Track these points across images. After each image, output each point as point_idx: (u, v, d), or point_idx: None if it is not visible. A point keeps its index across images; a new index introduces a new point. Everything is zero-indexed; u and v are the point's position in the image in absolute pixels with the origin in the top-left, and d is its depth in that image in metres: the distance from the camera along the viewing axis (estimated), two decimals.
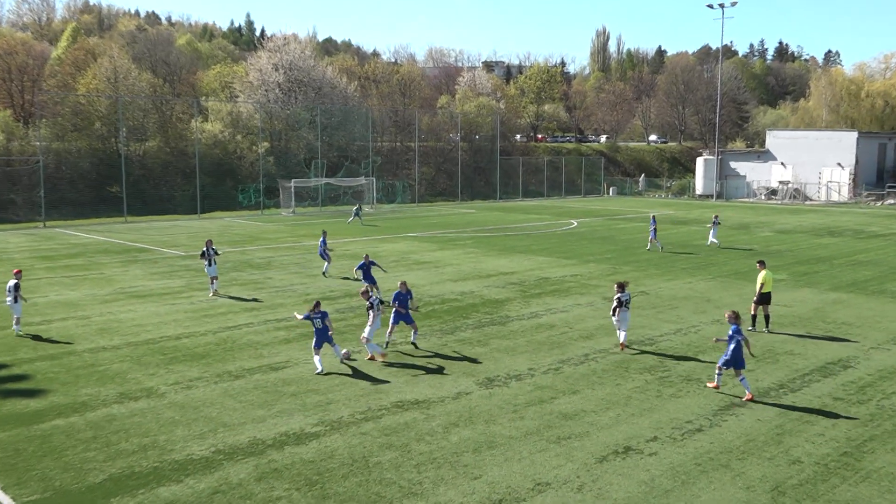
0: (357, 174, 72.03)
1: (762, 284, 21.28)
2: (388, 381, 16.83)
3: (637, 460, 12.72)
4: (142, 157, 67.44)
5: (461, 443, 13.42)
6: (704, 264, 34.07)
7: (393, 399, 15.69)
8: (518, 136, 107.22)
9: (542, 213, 64.44)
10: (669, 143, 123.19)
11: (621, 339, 19.41)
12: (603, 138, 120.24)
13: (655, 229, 38.66)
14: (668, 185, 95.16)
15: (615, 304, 19.14)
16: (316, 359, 17.48)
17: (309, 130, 74.80)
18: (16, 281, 21.19)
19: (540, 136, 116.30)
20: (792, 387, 16.56)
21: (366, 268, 25.52)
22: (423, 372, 17.60)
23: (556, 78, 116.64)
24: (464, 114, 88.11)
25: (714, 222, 41.21)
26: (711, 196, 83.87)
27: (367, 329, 18.47)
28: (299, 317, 18.08)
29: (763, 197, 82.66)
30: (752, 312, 21.66)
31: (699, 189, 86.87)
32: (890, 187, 75.41)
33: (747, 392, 15.62)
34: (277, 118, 76.23)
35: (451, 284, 29.05)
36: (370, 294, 18.77)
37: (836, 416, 14.77)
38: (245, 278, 30.25)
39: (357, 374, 17.37)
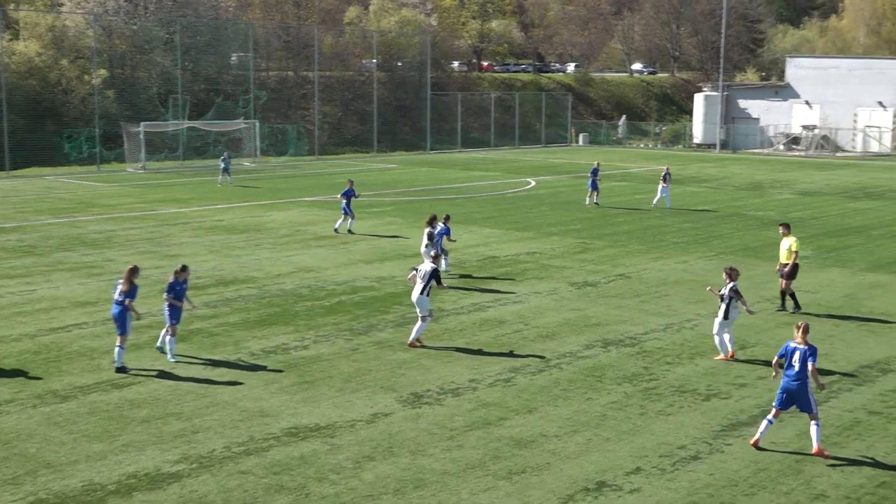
0: (233, 115, 71.05)
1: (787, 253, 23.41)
2: (277, 400, 16.79)
3: (614, 499, 13.00)
4: None
5: (378, 482, 13.50)
6: (704, 237, 34.83)
7: (284, 424, 15.67)
8: (456, 65, 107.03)
9: (488, 168, 64.76)
10: (659, 75, 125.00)
11: (728, 349, 19.56)
12: (570, 67, 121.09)
13: (595, 181, 43.21)
14: (658, 130, 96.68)
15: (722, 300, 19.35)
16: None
17: (165, 54, 73.29)
18: None
19: (486, 63, 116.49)
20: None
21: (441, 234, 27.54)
22: (325, 386, 17.60)
23: None
24: (381, 32, 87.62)
25: (664, 177, 42.83)
26: (713, 146, 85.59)
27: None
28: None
29: (782, 146, 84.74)
30: (781, 288, 23.64)
31: (698, 136, 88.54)
32: None
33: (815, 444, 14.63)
34: (120, 36, 74.46)
35: (364, 267, 29.04)
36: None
37: (872, 435, 15.36)
38: (75, 261, 29.65)
39: (233, 390, 17.28)
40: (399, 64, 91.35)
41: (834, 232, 36.50)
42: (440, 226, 27.45)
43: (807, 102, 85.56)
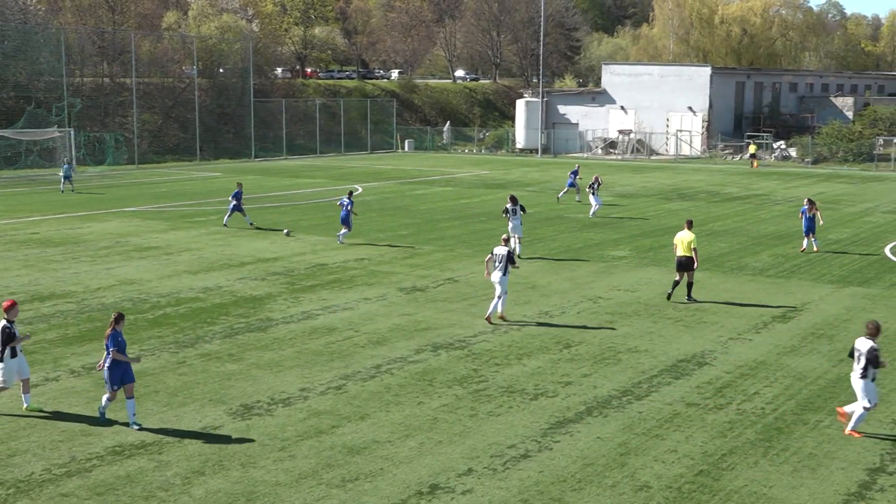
0: (46, 124, 68.37)
1: (675, 246, 25.22)
2: (98, 418, 16.24)
3: (447, 501, 13.15)
4: None
5: (209, 497, 13.25)
6: (528, 240, 35.61)
7: (108, 443, 15.18)
8: (279, 71, 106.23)
9: (314, 175, 64.49)
10: (482, 81, 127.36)
11: (850, 426, 15.70)
12: (394, 74, 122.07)
13: (574, 182, 48.12)
14: (482, 136, 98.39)
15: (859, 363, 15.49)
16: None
17: None
18: None
19: (310, 70, 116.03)
20: (637, 393, 17.79)
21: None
22: (151, 402, 17.14)
23: None
24: (201, 38, 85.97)
25: (593, 185, 42.80)
26: (535, 150, 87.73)
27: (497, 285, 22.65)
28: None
29: (600, 151, 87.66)
30: (676, 279, 25.31)
31: (520, 141, 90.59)
32: (750, 136, 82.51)
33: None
34: None
35: (189, 278, 28.44)
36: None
37: (690, 426, 16.06)
38: None
39: (53, 410, 16.60)
40: (221, 70, 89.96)
41: (650, 232, 37.97)
42: (344, 199, 34.14)
43: (622, 108, 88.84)
